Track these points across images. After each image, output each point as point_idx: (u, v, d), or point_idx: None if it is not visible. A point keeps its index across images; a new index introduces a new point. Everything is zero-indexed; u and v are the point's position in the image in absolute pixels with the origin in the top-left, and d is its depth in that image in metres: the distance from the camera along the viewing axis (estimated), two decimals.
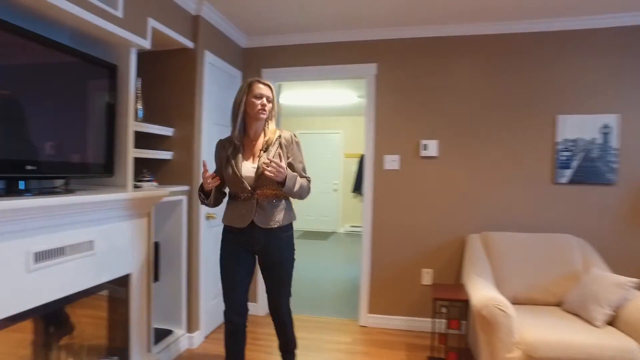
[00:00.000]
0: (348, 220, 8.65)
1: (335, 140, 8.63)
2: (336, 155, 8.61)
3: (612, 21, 3.01)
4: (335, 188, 8.66)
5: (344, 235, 8.26)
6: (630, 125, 3.02)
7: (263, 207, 2.08)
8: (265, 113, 2.09)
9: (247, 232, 2.10)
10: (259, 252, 2.16)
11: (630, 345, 2.12)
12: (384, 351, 2.96)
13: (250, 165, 2.10)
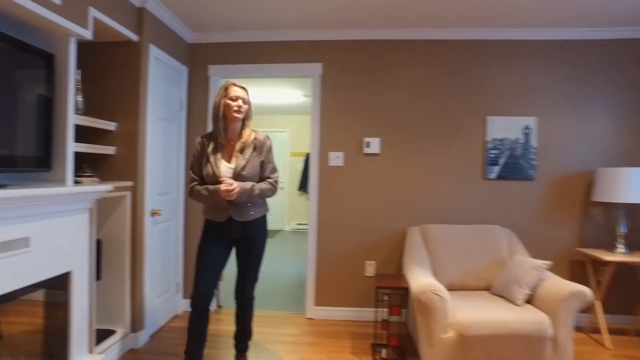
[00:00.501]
0: (294, 218, 8.73)
1: (281, 139, 8.68)
2: (282, 154, 8.66)
3: (533, 34, 3.35)
4: (281, 186, 8.71)
5: (290, 233, 8.33)
6: (546, 127, 3.38)
7: (239, 203, 2.26)
8: (241, 114, 2.26)
9: (226, 225, 2.30)
10: (236, 241, 2.38)
11: (543, 318, 2.40)
12: (330, 341, 3.07)
13: (228, 166, 2.27)
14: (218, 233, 2.34)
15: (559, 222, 3.41)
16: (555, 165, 3.39)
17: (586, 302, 2.40)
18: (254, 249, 2.41)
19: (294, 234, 8.22)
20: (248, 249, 2.40)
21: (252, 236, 2.38)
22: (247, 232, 2.35)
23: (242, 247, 2.41)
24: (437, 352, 2.42)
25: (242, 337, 2.54)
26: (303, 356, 2.81)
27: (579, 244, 3.41)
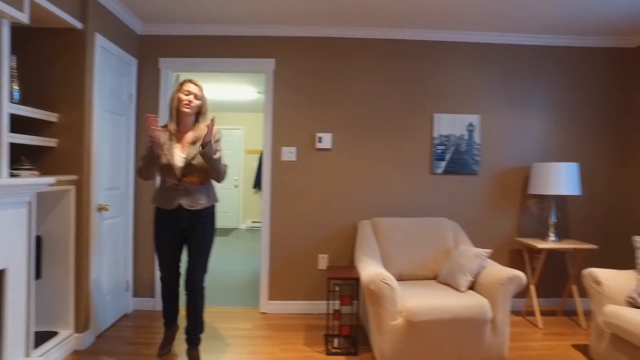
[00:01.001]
0: (249, 216, 8.67)
1: (235, 136, 8.58)
2: (237, 151, 8.57)
3: (476, 38, 3.55)
4: (236, 184, 8.61)
5: (246, 231, 8.26)
6: (488, 124, 3.60)
7: (189, 192, 2.40)
8: (189, 107, 2.39)
9: (175, 213, 2.42)
10: (185, 230, 2.48)
11: (484, 302, 2.56)
12: (283, 333, 3.10)
13: (181, 155, 2.40)
14: (168, 221, 2.47)
15: (499, 214, 3.64)
16: (496, 161, 3.62)
17: (521, 285, 2.59)
18: (203, 238, 2.49)
19: (250, 232, 8.16)
20: (197, 239, 2.48)
21: (201, 226, 2.47)
22: (196, 222, 2.45)
23: (191, 236, 2.49)
24: (386, 338, 2.52)
25: (193, 330, 2.56)
26: (256, 349, 2.82)
27: (517, 234, 3.66)
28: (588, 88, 3.69)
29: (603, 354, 2.60)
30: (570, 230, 3.70)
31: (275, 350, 2.81)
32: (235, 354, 2.74)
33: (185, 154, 2.41)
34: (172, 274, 2.59)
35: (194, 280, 2.48)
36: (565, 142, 3.67)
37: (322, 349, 2.84)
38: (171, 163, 2.37)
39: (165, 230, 2.49)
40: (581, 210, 3.70)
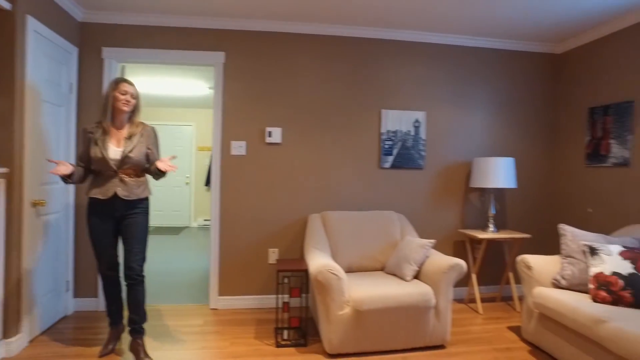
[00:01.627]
0: (201, 215, 8.48)
1: (187, 133, 8.37)
2: (188, 148, 8.36)
3: (424, 37, 3.69)
4: (187, 182, 8.39)
5: (197, 230, 8.07)
6: (433, 121, 3.76)
7: (125, 182, 2.51)
8: (128, 106, 2.52)
9: (110, 203, 2.51)
10: (120, 219, 2.56)
11: (427, 290, 2.68)
12: (234, 328, 3.08)
13: (116, 149, 2.51)
14: (102, 210, 2.53)
15: (444, 207, 3.81)
16: (440, 156, 3.78)
17: (462, 273, 2.74)
18: (138, 228, 2.58)
19: (202, 230, 7.98)
20: (133, 229, 2.56)
21: (135, 216, 2.57)
22: (130, 212, 2.56)
23: (126, 227, 2.56)
24: (334, 328, 2.57)
25: (136, 319, 2.57)
26: (207, 344, 2.78)
27: (461, 226, 3.85)
28: (523, 89, 3.94)
29: (532, 333, 2.80)
30: (507, 221, 3.94)
31: (225, 345, 2.79)
32: (185, 350, 2.69)
33: (122, 148, 2.52)
34: (110, 264, 2.60)
35: (134, 269, 2.53)
36: (502, 138, 3.91)
37: (272, 341, 2.85)
38: (106, 157, 2.47)
39: (100, 220, 2.54)
40: (517, 202, 3.95)
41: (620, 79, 3.33)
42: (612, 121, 3.38)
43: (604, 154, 3.45)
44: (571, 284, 2.68)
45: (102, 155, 2.46)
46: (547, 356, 2.70)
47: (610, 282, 2.44)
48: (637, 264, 2.45)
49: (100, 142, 2.48)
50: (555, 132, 4.02)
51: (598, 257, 2.57)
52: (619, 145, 3.31)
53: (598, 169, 3.52)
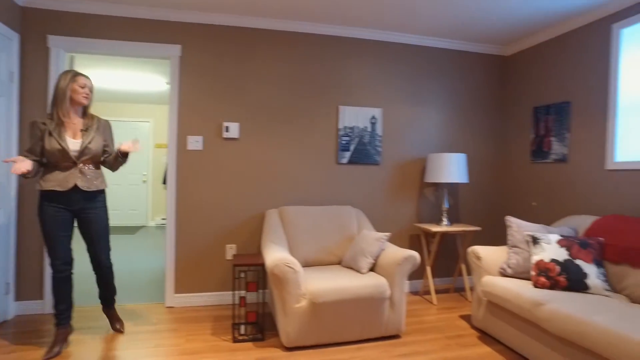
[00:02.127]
0: (159, 213, 8.25)
1: (144, 130, 8.11)
2: (145, 145, 8.10)
3: (380, 36, 3.77)
4: (144, 180, 8.14)
5: (155, 229, 7.85)
6: (389, 117, 3.85)
7: (84, 174, 2.56)
8: (88, 100, 2.61)
9: (68, 195, 2.54)
10: (78, 212, 2.60)
11: (383, 282, 2.75)
12: (190, 325, 3.03)
13: (74, 141, 2.54)
14: (60, 203, 2.54)
15: (400, 202, 3.91)
16: (396, 152, 3.88)
17: (416, 264, 2.82)
18: (101, 220, 2.68)
19: (159, 229, 7.77)
20: (96, 225, 2.66)
21: (95, 210, 2.65)
22: (89, 205, 2.62)
23: (89, 223, 2.64)
24: (291, 321, 2.59)
25: (107, 292, 2.88)
26: (161, 342, 2.73)
27: (416, 220, 3.97)
28: (474, 88, 4.12)
29: (481, 320, 2.94)
30: (460, 215, 4.10)
31: (181, 342, 2.74)
32: (138, 350, 2.62)
33: (80, 140, 2.56)
34: (65, 258, 2.58)
35: (102, 261, 2.73)
36: (455, 135, 4.06)
37: (230, 337, 2.83)
38: (65, 149, 2.48)
39: (56, 213, 2.53)
40: (469, 196, 4.12)
41: (559, 81, 3.55)
42: (553, 120, 3.60)
43: (546, 151, 3.67)
44: (516, 272, 2.83)
45: (61, 146, 2.47)
46: (494, 341, 2.84)
47: (549, 269, 2.60)
48: (571, 250, 2.63)
49: (56, 134, 2.48)
50: (504, 129, 4.22)
51: (539, 246, 2.73)
52: (559, 142, 3.53)
53: (541, 164, 3.74)
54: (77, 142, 2.54)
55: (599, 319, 2.03)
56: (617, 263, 2.58)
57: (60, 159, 2.49)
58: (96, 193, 2.66)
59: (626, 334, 1.87)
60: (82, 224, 2.64)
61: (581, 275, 2.53)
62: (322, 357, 2.55)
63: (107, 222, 2.74)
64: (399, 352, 2.64)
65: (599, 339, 1.96)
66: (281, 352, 2.61)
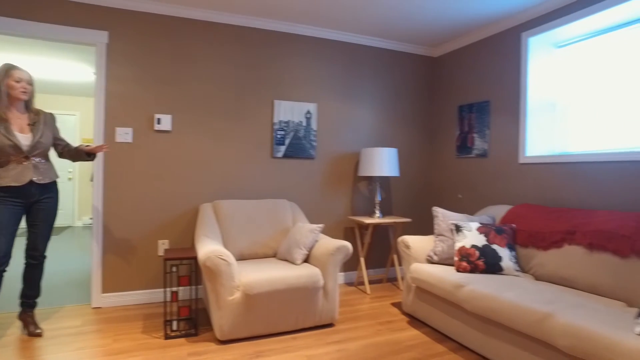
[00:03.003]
0: (86, 213, 7.76)
1: (70, 123, 7.59)
2: (71, 139, 7.58)
3: (317, 33, 3.83)
4: (69, 177, 7.61)
5: (82, 229, 7.37)
6: (324, 112, 3.93)
7: (38, 168, 2.64)
8: (27, 95, 2.61)
9: (24, 189, 2.59)
10: (33, 204, 2.67)
11: (316, 272, 2.81)
12: (118, 325, 2.90)
13: (24, 136, 2.59)
14: (15, 197, 2.57)
15: (335, 195, 4.01)
16: (331, 146, 3.97)
17: (348, 254, 2.92)
18: (50, 210, 2.74)
19: (87, 230, 7.30)
20: (45, 213, 2.72)
21: (48, 199, 2.72)
22: (45, 196, 2.70)
23: (39, 210, 2.69)
24: (225, 313, 2.57)
25: (30, 293, 2.79)
26: (85, 344, 2.58)
27: (350, 213, 4.09)
28: (405, 86, 4.32)
29: (410, 305, 3.11)
30: (392, 207, 4.29)
31: (107, 343, 2.62)
32: (59, 353, 2.46)
33: (30, 135, 2.61)
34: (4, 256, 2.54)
35: (40, 249, 2.73)
36: (387, 131, 4.24)
37: (161, 334, 2.75)
38: (18, 144, 2.53)
39: (6, 208, 2.55)
40: (400, 189, 4.32)
41: (480, 81, 3.84)
42: (475, 118, 3.87)
43: (470, 146, 3.94)
44: (442, 259, 3.02)
45: (12, 142, 2.51)
46: (422, 324, 3.01)
47: (470, 254, 2.81)
48: (489, 236, 2.86)
49: (3, 130, 2.51)
50: (432, 126, 4.48)
51: (462, 233, 2.93)
52: (480, 138, 3.81)
53: (465, 159, 4.01)
54: (28, 137, 2.60)
55: (508, 295, 2.24)
56: (526, 246, 2.85)
57: (12, 154, 2.54)
58: (50, 184, 2.73)
59: (527, 306, 2.09)
60: (34, 212, 2.69)
61: (496, 259, 2.76)
62: (257, 348, 2.56)
63: (56, 212, 2.79)
64: (332, 339, 2.72)
65: (508, 312, 2.16)
66: (215, 346, 2.58)
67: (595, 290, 2.35)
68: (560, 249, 2.61)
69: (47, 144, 2.70)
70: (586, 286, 2.39)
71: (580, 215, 2.65)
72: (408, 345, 2.65)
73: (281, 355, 2.47)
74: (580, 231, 2.53)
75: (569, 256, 2.53)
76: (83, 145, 2.79)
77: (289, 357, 2.45)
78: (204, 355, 2.46)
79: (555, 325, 1.91)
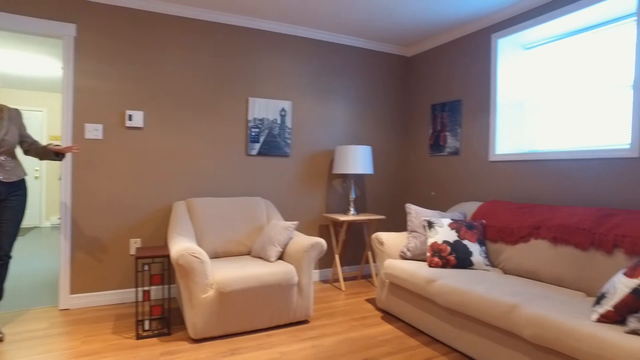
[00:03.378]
0: (54, 212, 7.52)
1: (36, 120, 7.32)
2: (38, 136, 7.32)
3: (292, 30, 3.83)
4: (36, 176, 7.35)
5: (50, 230, 7.13)
6: (299, 110, 3.94)
7: (3, 166, 2.60)
8: None
9: None
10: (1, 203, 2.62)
11: (291, 269, 2.82)
12: (87, 327, 2.83)
13: None
14: None
15: (310, 193, 4.02)
16: (306, 144, 3.98)
17: (322, 250, 2.94)
18: (18, 209, 2.68)
19: (55, 230, 7.07)
20: (12, 209, 2.65)
21: (16, 197, 2.67)
22: (12, 194, 2.65)
23: (5, 208, 2.63)
24: (198, 312, 2.55)
25: None
26: (52, 347, 2.51)
27: (325, 210, 4.11)
28: (380, 85, 4.37)
29: (384, 301, 3.15)
30: (367, 205, 4.33)
31: (75, 345, 2.55)
32: (22, 358, 2.37)
33: None
34: None
35: (5, 249, 2.64)
36: (362, 129, 4.28)
37: (133, 334, 2.70)
38: None
39: None
40: (374, 187, 4.37)
41: (452, 81, 3.92)
42: (448, 117, 3.96)
43: (442, 145, 4.02)
44: (414, 255, 3.08)
45: None
46: (396, 319, 3.06)
47: (441, 249, 2.87)
48: (460, 232, 2.93)
49: None
50: (406, 125, 4.55)
51: (434, 229, 3.00)
52: (452, 137, 3.90)
53: (438, 157, 4.09)
54: None
55: (477, 289, 2.30)
56: (495, 241, 2.93)
57: None
58: (18, 182, 2.69)
59: (495, 298, 2.15)
60: (0, 211, 2.63)
61: (467, 254, 2.84)
62: (231, 346, 2.55)
63: (24, 211, 2.73)
64: (307, 335, 2.73)
65: (477, 305, 2.23)
66: (188, 345, 2.55)
67: (558, 281, 2.44)
68: (527, 243, 2.70)
69: (13, 142, 2.64)
70: (550, 278, 2.49)
71: (546, 210, 2.75)
72: (382, 340, 2.69)
73: (255, 352, 2.46)
74: (545, 226, 2.63)
75: (535, 250, 2.62)
76: (52, 144, 2.72)
77: (263, 354, 2.44)
78: (176, 354, 2.43)
79: (521, 315, 1.98)
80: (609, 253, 2.24)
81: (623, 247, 2.18)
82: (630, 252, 2.14)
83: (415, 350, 2.53)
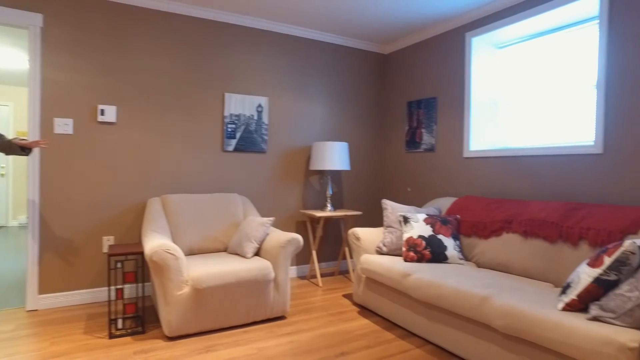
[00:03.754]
0: (22, 211, 7.25)
1: (2, 114, 7.03)
2: (4, 131, 7.03)
3: (270, 26, 3.80)
4: (2, 173, 7.07)
5: (18, 229, 6.88)
6: (275, 106, 3.92)
7: None
8: None
9: None
10: None
11: (267, 265, 2.81)
12: (57, 327, 2.74)
13: None
14: None
15: (286, 189, 4.01)
16: (282, 140, 3.97)
17: (298, 246, 2.93)
18: None
19: (22, 230, 6.83)
20: None
21: None
22: None
23: None
24: (173, 309, 2.51)
25: None
26: (17, 350, 2.42)
27: (302, 206, 4.11)
28: (357, 82, 4.40)
29: (361, 296, 3.18)
30: (344, 201, 4.36)
31: (44, 346, 2.47)
32: None
33: None
34: None
35: None
36: (339, 125, 4.30)
37: (105, 334, 2.64)
38: None
39: None
40: (351, 183, 4.39)
41: (428, 78, 3.98)
42: (424, 114, 4.02)
43: (418, 141, 4.08)
44: (390, 250, 3.12)
45: None
46: (372, 313, 3.09)
47: (417, 244, 2.92)
48: (435, 227, 2.98)
49: None
50: (383, 121, 4.59)
51: (409, 224, 3.04)
52: (428, 133, 3.96)
53: (414, 154, 4.15)
54: None
55: (451, 282, 2.35)
56: (469, 236, 3.00)
57: None
58: None
59: (468, 291, 2.21)
60: None
61: (442, 248, 2.89)
62: (207, 343, 2.52)
63: None
64: (283, 331, 2.73)
65: (451, 298, 2.27)
66: (163, 343, 2.51)
67: (528, 274, 2.52)
68: (499, 237, 2.77)
69: None
70: (521, 270, 2.56)
71: (517, 205, 2.83)
72: (358, 334, 2.71)
73: (232, 348, 2.45)
74: (517, 220, 2.71)
75: (507, 244, 2.69)
76: (17, 138, 2.57)
77: (239, 350, 2.43)
78: (151, 352, 2.39)
79: (492, 307, 2.04)
80: (575, 245, 2.32)
81: (587, 239, 2.27)
82: (594, 244, 2.23)
83: (391, 344, 2.57)
